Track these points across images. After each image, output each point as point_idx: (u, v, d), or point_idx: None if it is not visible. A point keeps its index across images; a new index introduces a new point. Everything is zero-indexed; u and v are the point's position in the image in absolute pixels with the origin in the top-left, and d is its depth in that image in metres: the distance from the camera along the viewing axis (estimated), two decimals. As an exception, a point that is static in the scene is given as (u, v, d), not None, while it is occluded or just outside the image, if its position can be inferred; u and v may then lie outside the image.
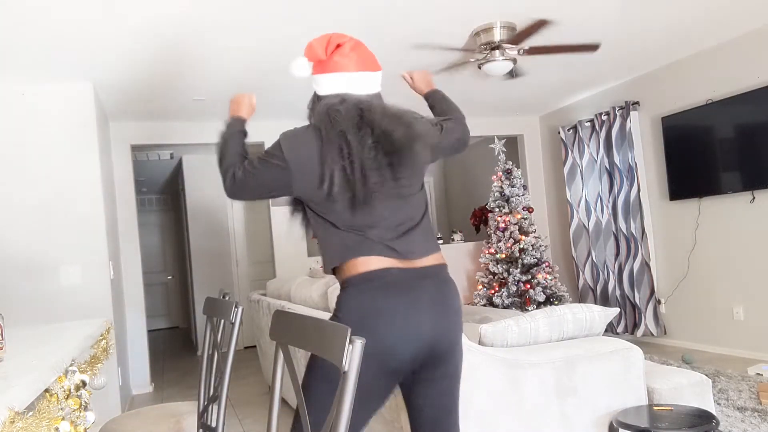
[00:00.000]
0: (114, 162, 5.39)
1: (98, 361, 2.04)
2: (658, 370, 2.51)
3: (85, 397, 1.59)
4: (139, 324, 5.42)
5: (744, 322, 4.66)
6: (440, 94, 2.08)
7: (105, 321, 2.41)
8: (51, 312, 3.96)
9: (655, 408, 2.25)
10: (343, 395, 1.00)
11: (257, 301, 4.71)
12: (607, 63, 4.93)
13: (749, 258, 4.58)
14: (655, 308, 5.35)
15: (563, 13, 3.68)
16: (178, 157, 7.28)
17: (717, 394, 3.60)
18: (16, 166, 4.07)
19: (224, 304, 1.88)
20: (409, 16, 3.53)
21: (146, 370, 5.43)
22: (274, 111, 5.65)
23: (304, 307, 3.55)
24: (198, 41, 3.65)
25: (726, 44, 4.62)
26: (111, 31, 3.37)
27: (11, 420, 1.07)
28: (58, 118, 4.18)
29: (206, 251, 7.32)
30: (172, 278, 10.33)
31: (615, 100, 5.68)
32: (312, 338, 1.16)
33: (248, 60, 4.08)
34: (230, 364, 1.75)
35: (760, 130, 4.34)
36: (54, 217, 4.12)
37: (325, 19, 3.47)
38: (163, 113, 5.34)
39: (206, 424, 1.86)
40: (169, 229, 10.37)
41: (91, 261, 4.20)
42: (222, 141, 1.87)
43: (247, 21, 3.42)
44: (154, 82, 4.39)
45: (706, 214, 4.90)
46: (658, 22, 4.05)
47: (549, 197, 6.91)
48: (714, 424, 2.03)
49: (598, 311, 2.44)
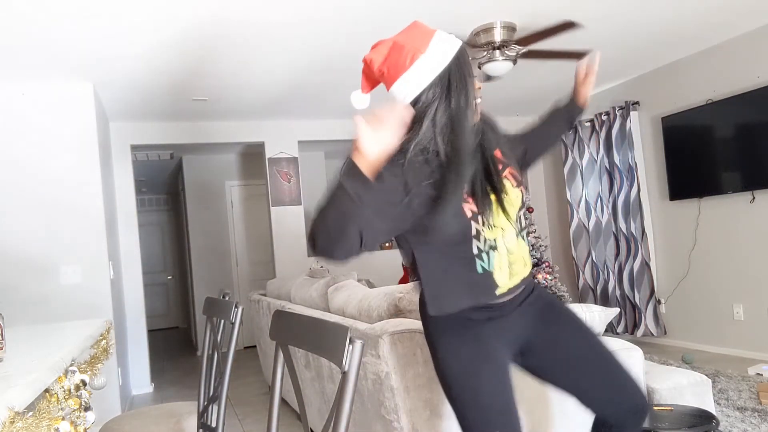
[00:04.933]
0: (114, 162, 5.39)
1: (98, 361, 2.04)
2: (658, 370, 2.50)
3: (85, 397, 1.59)
4: (139, 324, 5.42)
5: (744, 321, 4.66)
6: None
7: (105, 321, 2.41)
8: (51, 312, 3.96)
9: (655, 408, 2.25)
10: (343, 395, 1.00)
11: (257, 301, 4.70)
12: (607, 63, 4.93)
13: (749, 258, 4.58)
14: (655, 308, 5.35)
15: (564, 13, 3.68)
16: (178, 157, 7.28)
17: (717, 394, 3.60)
18: (16, 166, 4.07)
19: (224, 304, 1.88)
20: (408, 15, 3.53)
21: (146, 370, 5.43)
22: (276, 111, 5.65)
23: (304, 307, 3.55)
24: (198, 41, 3.65)
25: (726, 44, 4.62)
26: (111, 31, 3.37)
27: (11, 420, 1.07)
28: (58, 118, 4.18)
29: (206, 251, 7.32)
30: (172, 278, 10.33)
31: (615, 100, 5.68)
32: (312, 338, 1.16)
33: (248, 59, 4.08)
34: (230, 364, 1.75)
35: (760, 130, 4.34)
36: (54, 217, 4.12)
37: (325, 20, 3.47)
38: (163, 113, 5.34)
39: (206, 424, 1.86)
40: (169, 229, 10.37)
41: (91, 261, 4.20)
42: None
43: (247, 20, 3.42)
44: (154, 82, 4.39)
45: (706, 214, 4.90)
46: (658, 22, 4.05)
47: (549, 197, 6.91)
48: (714, 424, 2.03)
49: (598, 311, 2.44)
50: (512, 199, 1.60)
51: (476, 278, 1.56)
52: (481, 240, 1.54)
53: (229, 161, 7.48)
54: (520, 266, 1.64)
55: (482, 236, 1.54)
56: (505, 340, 1.62)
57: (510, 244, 1.60)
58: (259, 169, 6.88)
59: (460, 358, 1.58)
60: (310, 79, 4.66)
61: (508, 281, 1.60)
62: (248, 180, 7.53)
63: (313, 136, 6.22)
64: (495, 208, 1.56)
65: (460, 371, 1.57)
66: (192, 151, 7.11)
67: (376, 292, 2.63)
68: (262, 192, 7.24)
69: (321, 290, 3.33)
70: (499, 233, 1.58)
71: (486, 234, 1.55)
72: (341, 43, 3.88)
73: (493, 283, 1.58)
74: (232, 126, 5.91)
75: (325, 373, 2.74)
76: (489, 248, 1.56)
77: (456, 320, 1.59)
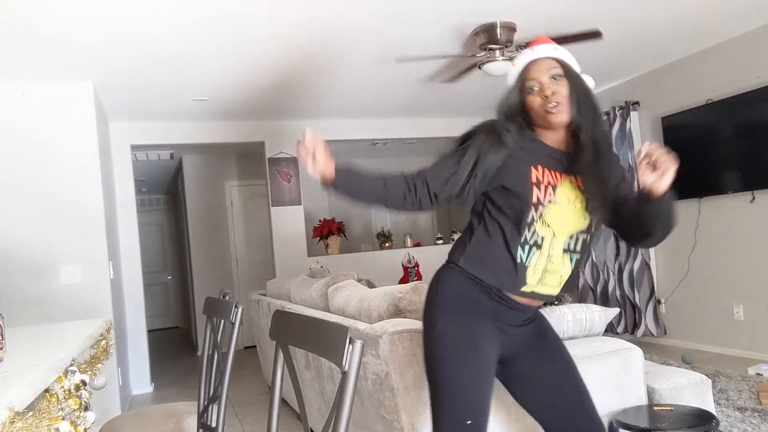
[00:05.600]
0: (114, 162, 5.39)
1: (98, 361, 2.04)
2: (658, 370, 2.50)
3: (85, 397, 1.59)
4: (139, 324, 5.42)
5: (744, 322, 4.65)
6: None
7: (105, 321, 2.41)
8: (51, 312, 3.96)
9: (655, 408, 2.25)
10: (343, 395, 1.00)
11: (257, 301, 4.70)
12: (607, 63, 4.93)
13: (749, 258, 4.58)
14: (655, 308, 5.35)
15: (564, 13, 3.68)
16: (178, 157, 7.28)
17: (717, 394, 3.60)
18: (16, 166, 4.07)
19: (224, 304, 1.88)
20: (408, 14, 3.53)
21: (146, 370, 5.43)
22: (274, 111, 5.65)
23: (304, 307, 3.55)
24: (198, 41, 3.65)
25: (726, 44, 4.62)
26: (111, 31, 3.37)
27: (11, 420, 1.07)
28: (58, 118, 4.18)
29: (206, 251, 7.32)
30: (172, 278, 10.33)
31: (615, 100, 5.68)
32: (312, 338, 1.16)
33: (248, 58, 4.08)
34: (230, 364, 1.75)
35: (760, 130, 4.34)
36: (54, 217, 4.12)
37: (326, 21, 3.47)
38: (163, 113, 5.34)
39: (206, 424, 1.86)
40: (169, 229, 10.37)
41: (91, 261, 4.20)
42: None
43: (246, 19, 3.42)
44: (154, 82, 4.39)
45: (706, 214, 4.90)
46: (658, 22, 4.05)
47: (549, 197, 6.90)
48: (714, 424, 2.03)
49: (598, 311, 2.44)
50: (569, 215, 1.66)
51: (511, 265, 1.65)
52: (531, 231, 1.63)
53: (229, 161, 7.48)
54: (554, 281, 1.69)
55: (534, 228, 1.63)
56: (499, 346, 1.67)
57: (555, 252, 1.66)
58: (259, 169, 6.88)
59: (458, 337, 1.63)
60: (310, 78, 4.66)
61: (536, 285, 1.67)
62: (248, 180, 7.53)
63: (313, 136, 6.21)
64: (554, 209, 1.64)
65: (452, 350, 1.61)
66: (192, 151, 7.11)
67: (376, 292, 2.63)
68: (262, 192, 7.24)
69: (321, 290, 3.33)
70: (549, 234, 1.64)
71: (537, 228, 1.63)
72: (340, 43, 3.88)
73: (523, 277, 1.65)
74: (232, 126, 5.91)
75: (325, 373, 2.74)
76: (534, 244, 1.64)
77: (472, 301, 1.65)
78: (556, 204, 1.64)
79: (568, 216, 1.65)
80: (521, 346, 1.72)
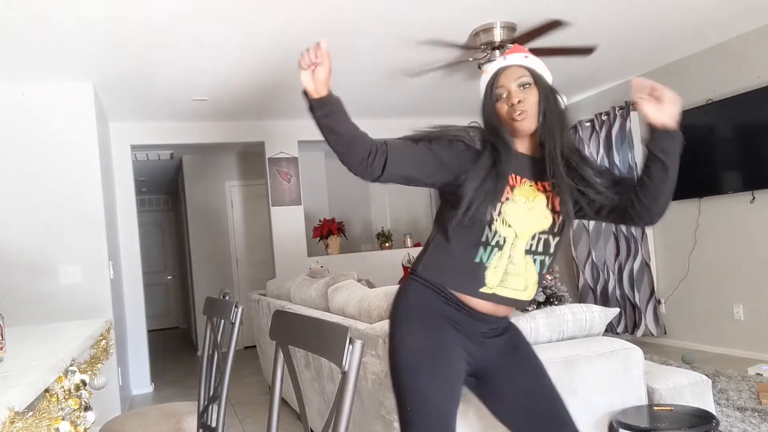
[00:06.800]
0: (114, 162, 5.39)
1: (98, 361, 2.04)
2: (658, 370, 2.50)
3: (85, 397, 1.59)
4: (139, 324, 5.42)
5: (744, 322, 4.66)
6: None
7: (105, 321, 2.41)
8: (51, 312, 3.96)
9: (655, 408, 2.25)
10: (343, 395, 1.00)
11: (257, 301, 4.70)
12: (608, 63, 4.93)
13: (749, 258, 4.58)
14: (655, 308, 5.35)
15: (564, 13, 3.68)
16: (178, 157, 7.28)
17: (717, 394, 3.60)
18: (16, 166, 4.07)
19: (224, 304, 1.88)
20: (409, 14, 3.53)
21: (146, 370, 5.43)
22: (276, 111, 5.65)
23: (304, 307, 3.55)
24: (198, 40, 3.65)
25: (726, 44, 4.62)
26: (111, 31, 3.37)
27: (11, 420, 1.07)
28: (58, 118, 4.18)
29: (206, 251, 7.32)
30: (172, 278, 10.33)
31: (615, 100, 5.68)
32: (312, 338, 1.16)
33: (248, 58, 4.08)
34: (230, 364, 1.76)
35: (760, 130, 4.34)
36: (54, 217, 4.12)
37: (326, 21, 3.47)
38: (163, 113, 5.34)
39: (206, 424, 1.86)
40: (169, 229, 10.37)
41: (91, 261, 4.20)
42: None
43: (245, 20, 3.42)
44: (154, 82, 4.39)
45: (706, 214, 4.90)
46: (658, 22, 4.05)
47: (549, 197, 6.90)
48: (714, 424, 2.03)
49: (598, 311, 2.44)
50: (527, 214, 1.64)
51: (470, 265, 1.63)
52: (492, 231, 1.61)
53: (229, 161, 7.48)
54: (518, 284, 1.67)
55: (494, 227, 1.61)
56: (466, 356, 1.66)
57: (516, 253, 1.64)
58: (259, 169, 6.88)
59: (418, 346, 1.61)
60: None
61: (496, 287, 1.64)
62: (248, 180, 7.53)
63: (313, 136, 6.13)
64: (511, 207, 1.63)
65: (413, 360, 1.60)
66: (192, 151, 7.11)
67: (376, 292, 2.63)
68: (262, 192, 7.24)
69: (321, 290, 3.33)
70: (511, 235, 1.63)
71: (498, 227, 1.61)
72: (340, 43, 3.88)
73: (482, 278, 1.63)
74: (232, 126, 5.91)
75: (325, 373, 2.75)
76: (496, 244, 1.62)
77: (433, 311, 1.64)
78: (514, 202, 1.63)
79: (525, 215, 1.64)
80: (493, 358, 1.70)
